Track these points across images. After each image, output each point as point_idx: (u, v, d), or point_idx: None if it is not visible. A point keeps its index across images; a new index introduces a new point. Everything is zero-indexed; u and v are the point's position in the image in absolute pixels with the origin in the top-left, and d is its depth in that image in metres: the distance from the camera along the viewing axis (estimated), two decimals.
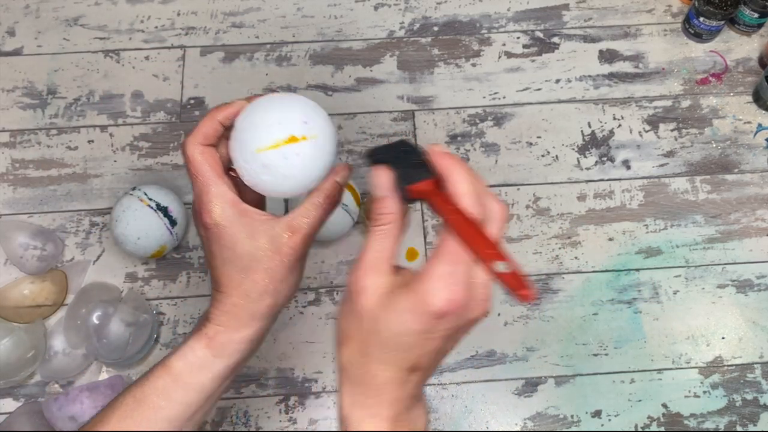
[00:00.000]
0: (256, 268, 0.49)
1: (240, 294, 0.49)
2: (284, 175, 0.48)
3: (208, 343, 0.50)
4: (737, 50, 1.00)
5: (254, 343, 0.52)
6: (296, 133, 0.49)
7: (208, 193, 0.49)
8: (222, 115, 0.50)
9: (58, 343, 0.81)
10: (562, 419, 0.80)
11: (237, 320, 0.50)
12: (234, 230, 0.48)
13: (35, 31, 1.00)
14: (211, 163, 0.50)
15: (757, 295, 0.86)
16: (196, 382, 0.50)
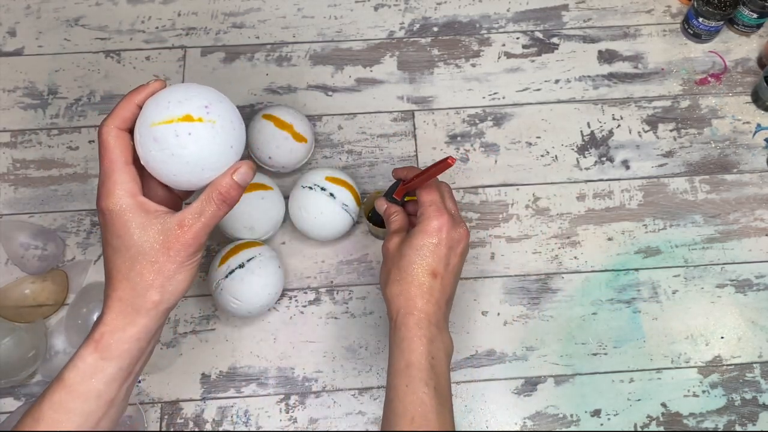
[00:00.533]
0: (143, 260, 0.49)
1: (126, 287, 0.49)
2: (172, 153, 0.48)
3: (96, 346, 0.50)
4: (736, 50, 1.00)
5: (142, 342, 0.51)
6: (193, 114, 0.49)
7: (111, 178, 0.49)
8: (139, 98, 0.52)
9: (59, 343, 0.81)
10: (562, 418, 0.80)
11: (123, 317, 0.50)
12: (126, 219, 0.49)
13: (36, 32, 1.00)
14: (121, 148, 0.50)
15: (756, 294, 0.86)
16: (91, 389, 0.50)
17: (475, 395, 0.81)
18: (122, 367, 0.51)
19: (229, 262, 0.78)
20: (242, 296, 0.77)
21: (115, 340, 0.50)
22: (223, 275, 0.78)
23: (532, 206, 0.90)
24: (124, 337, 0.50)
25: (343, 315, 0.84)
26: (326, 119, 0.95)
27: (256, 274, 0.78)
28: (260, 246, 0.81)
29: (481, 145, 0.94)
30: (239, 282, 0.77)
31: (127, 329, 0.50)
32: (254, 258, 0.79)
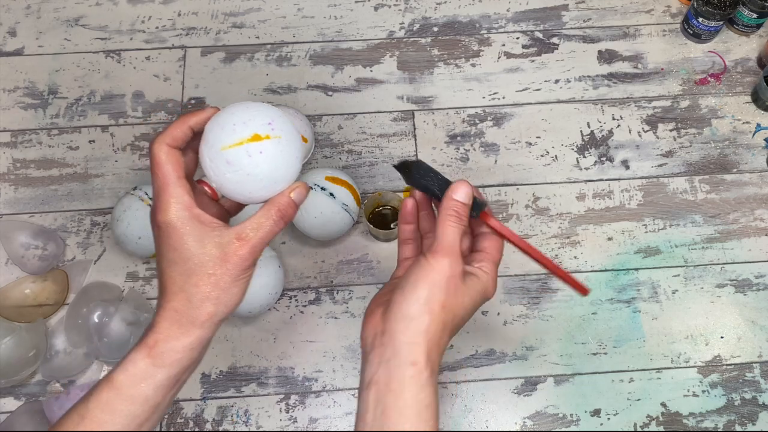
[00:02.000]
0: (200, 273, 0.50)
1: (181, 299, 0.50)
2: (248, 173, 0.50)
3: (149, 352, 0.50)
4: (736, 50, 1.00)
5: (194, 352, 0.52)
6: (260, 132, 0.50)
7: (165, 192, 0.50)
8: (193, 121, 0.52)
9: (59, 343, 0.81)
10: (562, 418, 0.80)
11: (177, 327, 0.50)
12: (183, 232, 0.49)
13: (36, 32, 1.01)
14: (173, 164, 0.51)
15: (756, 294, 0.86)
16: (139, 393, 0.51)
17: (475, 395, 0.81)
18: (171, 375, 0.51)
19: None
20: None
21: (168, 349, 0.51)
22: None
23: (532, 206, 0.90)
24: (177, 347, 0.51)
25: (343, 315, 0.85)
26: (326, 119, 0.95)
27: (256, 274, 0.78)
28: None
29: (481, 145, 0.94)
30: None
31: (181, 339, 0.51)
32: None
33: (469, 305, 0.51)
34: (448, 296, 0.49)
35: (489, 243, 0.53)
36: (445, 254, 0.49)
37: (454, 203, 0.51)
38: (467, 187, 0.52)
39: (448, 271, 0.49)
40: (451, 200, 0.51)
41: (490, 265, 0.52)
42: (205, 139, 0.52)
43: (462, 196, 0.51)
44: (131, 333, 0.80)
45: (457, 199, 0.51)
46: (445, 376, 0.82)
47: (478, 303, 0.51)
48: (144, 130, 0.94)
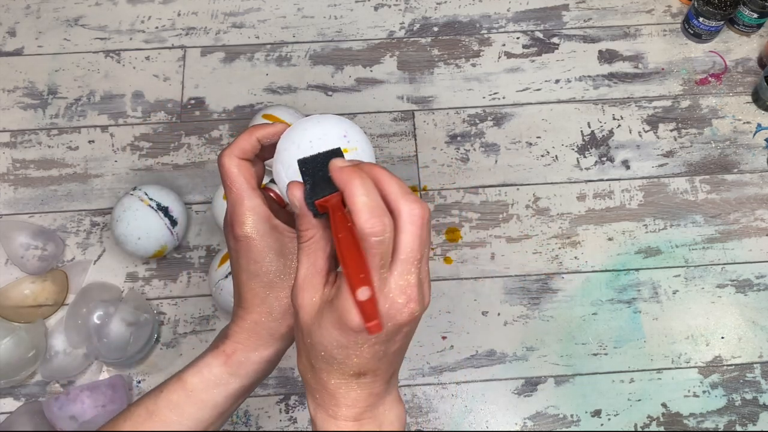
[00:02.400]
0: (282, 285, 0.48)
1: (262, 311, 0.49)
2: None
3: (226, 360, 0.49)
4: (736, 50, 1.00)
5: (271, 364, 0.51)
6: (338, 145, 0.49)
7: (242, 205, 0.48)
8: (261, 133, 0.50)
9: (58, 343, 0.81)
10: (562, 419, 0.80)
11: (256, 339, 0.49)
12: (264, 244, 0.48)
13: (36, 32, 1.00)
14: (246, 176, 0.49)
15: (757, 294, 0.86)
16: (210, 399, 0.50)
17: (475, 395, 0.81)
18: (244, 386, 0.50)
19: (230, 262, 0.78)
20: None
21: (246, 360, 0.50)
22: (223, 275, 0.78)
23: (533, 206, 0.90)
24: (255, 358, 0.50)
25: None
26: None
27: None
28: None
29: (481, 145, 0.94)
30: None
31: (260, 350, 0.49)
32: None
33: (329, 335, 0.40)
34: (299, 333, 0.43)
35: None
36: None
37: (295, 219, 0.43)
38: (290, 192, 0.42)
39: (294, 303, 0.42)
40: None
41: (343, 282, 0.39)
42: (280, 156, 0.49)
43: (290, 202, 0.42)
44: (131, 333, 0.80)
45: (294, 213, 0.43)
46: (446, 376, 0.82)
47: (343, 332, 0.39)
48: (144, 130, 0.94)
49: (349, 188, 0.38)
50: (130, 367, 0.81)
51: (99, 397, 0.76)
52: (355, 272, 0.36)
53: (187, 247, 0.88)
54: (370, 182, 0.39)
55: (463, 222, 0.89)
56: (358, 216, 0.38)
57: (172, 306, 0.85)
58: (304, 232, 0.42)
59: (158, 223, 0.81)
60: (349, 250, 0.37)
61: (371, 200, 0.38)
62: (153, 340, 0.82)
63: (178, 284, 0.86)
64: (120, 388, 0.77)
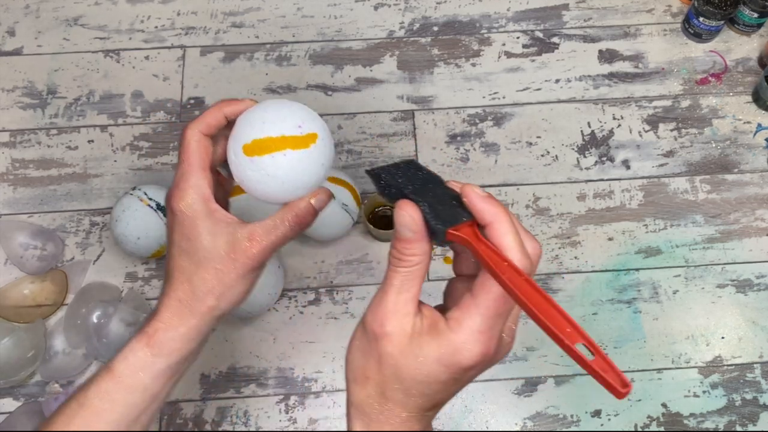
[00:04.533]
0: (208, 266, 0.50)
1: (186, 289, 0.51)
2: (268, 174, 0.48)
3: (148, 341, 0.50)
4: (737, 50, 1.00)
5: (192, 343, 0.52)
6: (287, 134, 0.48)
7: (187, 180, 0.50)
8: (228, 109, 0.51)
9: (58, 343, 0.81)
10: (562, 419, 0.80)
11: (178, 317, 0.51)
12: (197, 222, 0.49)
13: (35, 31, 1.00)
14: (201, 153, 0.50)
15: (757, 294, 0.86)
16: (138, 382, 0.50)
17: (475, 395, 0.81)
18: (170, 365, 0.51)
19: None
20: None
21: (168, 338, 0.51)
22: None
23: (533, 206, 0.90)
24: (176, 336, 0.51)
25: (342, 315, 0.84)
26: (326, 119, 0.95)
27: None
28: None
29: (481, 145, 0.94)
30: None
31: (180, 329, 0.51)
32: None
33: (427, 370, 0.38)
34: (375, 362, 0.40)
35: (478, 282, 0.37)
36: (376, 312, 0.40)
37: (395, 242, 0.39)
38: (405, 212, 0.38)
39: (377, 330, 0.39)
40: (395, 238, 0.40)
41: (468, 317, 0.37)
42: (233, 131, 0.50)
43: (401, 228, 0.39)
44: (130, 333, 0.80)
45: (397, 231, 0.39)
46: None
47: (449, 369, 0.37)
48: (143, 130, 0.94)
49: (499, 223, 0.37)
50: None
51: None
52: (562, 325, 0.32)
53: None
54: (511, 214, 0.38)
55: None
56: (512, 254, 0.36)
57: None
58: (411, 257, 0.39)
59: (158, 223, 0.80)
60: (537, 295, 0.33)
61: (519, 239, 0.37)
62: None
63: None
64: None
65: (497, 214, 0.37)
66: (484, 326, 0.36)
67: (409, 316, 0.38)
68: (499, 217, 0.37)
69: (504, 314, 0.37)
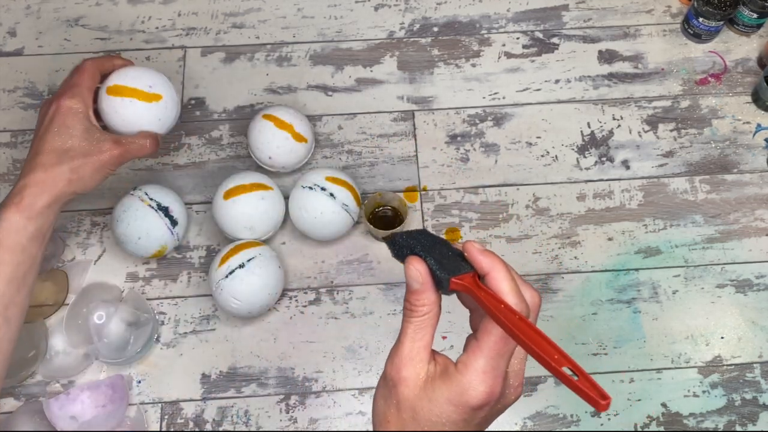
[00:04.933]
0: (76, 153, 0.67)
1: (52, 160, 0.66)
2: (116, 112, 0.73)
3: (17, 208, 0.63)
4: (736, 51, 1.00)
5: (53, 210, 0.66)
6: (138, 88, 0.73)
7: (78, 89, 0.70)
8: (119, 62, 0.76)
9: (58, 343, 0.81)
10: (562, 418, 0.80)
11: (41, 186, 0.65)
12: (80, 119, 0.69)
13: (36, 32, 1.00)
14: (93, 80, 0.72)
15: (757, 294, 0.86)
16: (17, 243, 0.63)
17: None
18: (39, 227, 0.64)
19: (230, 262, 0.78)
20: (242, 296, 0.77)
21: (34, 203, 0.64)
22: (224, 275, 0.78)
23: (532, 206, 0.90)
24: (41, 203, 0.64)
25: (343, 315, 0.84)
26: (326, 119, 0.95)
27: (256, 275, 0.78)
28: (261, 246, 0.81)
29: (481, 145, 0.94)
30: (239, 282, 0.77)
31: (44, 196, 0.65)
32: (254, 258, 0.78)
33: (438, 411, 0.40)
34: (394, 407, 0.42)
35: (481, 327, 0.41)
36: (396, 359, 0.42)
37: (407, 295, 0.43)
38: (412, 265, 0.42)
39: (395, 376, 0.42)
40: (406, 292, 0.43)
41: (474, 359, 0.40)
42: (109, 76, 0.74)
43: (410, 281, 0.42)
44: (131, 333, 0.80)
45: (407, 284, 0.43)
46: None
47: (458, 409, 0.40)
48: None
49: (496, 272, 0.41)
50: (130, 367, 0.82)
51: (99, 397, 0.76)
52: (550, 353, 0.37)
53: (188, 247, 0.88)
54: (507, 264, 0.42)
55: (463, 222, 0.89)
56: (508, 298, 0.40)
57: (172, 306, 0.85)
58: (421, 308, 0.42)
59: (158, 223, 0.81)
60: (530, 330, 0.38)
61: (514, 285, 0.41)
62: (153, 340, 0.82)
63: (178, 284, 0.86)
64: (120, 387, 0.77)
65: (494, 264, 0.41)
66: (487, 366, 0.40)
67: (423, 362, 0.42)
68: (496, 266, 0.41)
69: (506, 354, 0.40)
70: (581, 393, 0.35)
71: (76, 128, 0.68)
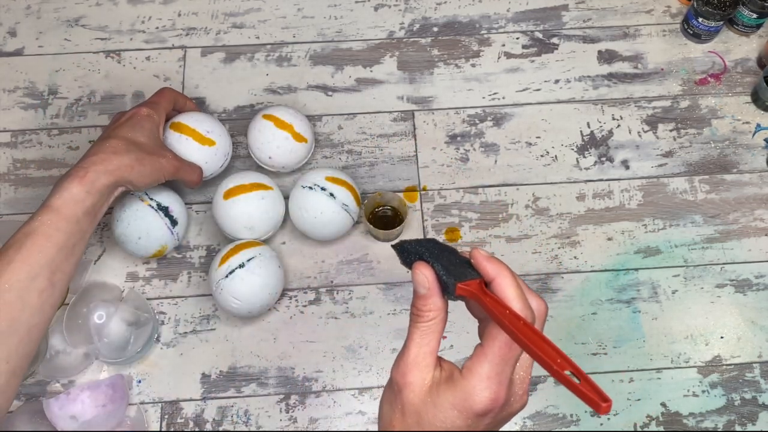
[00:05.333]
0: (142, 150, 0.73)
1: (122, 148, 0.71)
2: (175, 147, 0.83)
3: (81, 181, 0.66)
4: (736, 51, 1.00)
5: (110, 191, 0.69)
6: (197, 130, 0.84)
7: (157, 107, 0.79)
8: (184, 103, 0.88)
9: (59, 343, 0.81)
10: (562, 418, 0.80)
11: (105, 164, 0.68)
12: (154, 126, 0.77)
13: (36, 32, 1.01)
14: (168, 106, 0.83)
15: (756, 294, 0.86)
16: (72, 214, 0.65)
17: None
18: (95, 203, 0.67)
19: (230, 262, 0.78)
20: (242, 296, 0.77)
21: (96, 178, 0.67)
22: (224, 275, 0.78)
23: (532, 206, 0.90)
24: (103, 180, 0.67)
25: (343, 315, 0.85)
26: (326, 119, 0.95)
27: (257, 274, 0.78)
28: (260, 246, 0.81)
29: (481, 145, 0.94)
30: (239, 282, 0.77)
31: (107, 175, 0.68)
32: (254, 258, 0.79)
33: (443, 416, 0.40)
34: (399, 411, 0.42)
35: (486, 333, 0.41)
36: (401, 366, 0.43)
37: (414, 300, 0.43)
38: (419, 271, 0.43)
39: (400, 381, 0.42)
40: (413, 297, 0.43)
41: (478, 364, 0.40)
42: (178, 115, 0.86)
43: (417, 286, 0.43)
44: (131, 333, 0.80)
45: (414, 290, 0.43)
46: None
47: (462, 414, 0.40)
48: None
49: (502, 278, 0.41)
50: (131, 367, 0.82)
51: (99, 397, 0.76)
52: (553, 357, 0.37)
53: (188, 247, 0.88)
54: (513, 272, 0.42)
55: (463, 222, 0.89)
56: (513, 304, 0.40)
57: (172, 306, 0.85)
58: (427, 313, 0.43)
59: (158, 223, 0.81)
60: (530, 335, 0.38)
61: (520, 291, 0.41)
62: (153, 339, 0.82)
63: (178, 284, 0.86)
64: (120, 387, 0.77)
65: (500, 270, 0.41)
66: (492, 372, 0.40)
67: (428, 368, 0.42)
68: (501, 273, 0.41)
69: (510, 360, 0.40)
70: (583, 396, 0.36)
71: (150, 130, 0.75)
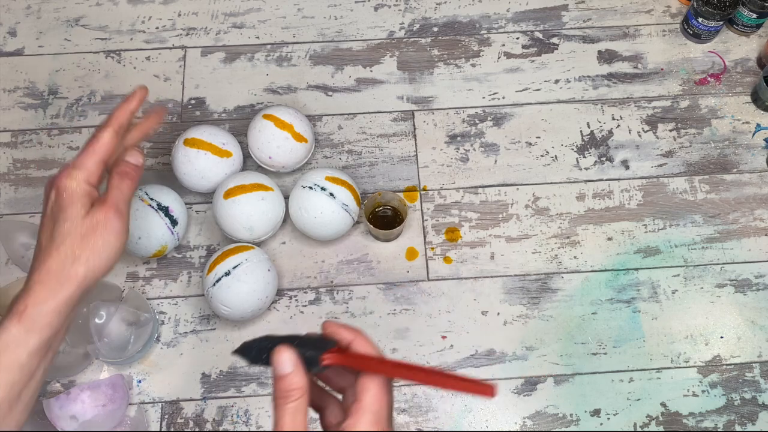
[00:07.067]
0: (75, 233, 0.56)
1: (56, 258, 0.55)
2: (190, 161, 0.83)
3: (19, 318, 0.53)
4: (736, 51, 1.00)
5: (62, 316, 0.55)
6: (213, 143, 0.83)
7: (82, 165, 0.58)
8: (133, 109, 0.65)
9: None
10: (562, 418, 0.80)
11: (47, 290, 0.54)
12: (74, 199, 0.57)
13: (36, 32, 1.01)
14: (108, 149, 0.60)
15: (756, 294, 0.86)
16: (15, 360, 0.53)
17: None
18: (43, 340, 0.54)
19: (216, 270, 0.78)
20: (231, 303, 0.77)
21: (38, 313, 0.54)
22: (211, 283, 0.78)
23: (532, 206, 0.90)
24: (47, 310, 0.54)
25: (343, 315, 0.85)
26: (326, 119, 0.95)
27: (243, 281, 0.77)
28: (248, 251, 0.80)
29: (481, 145, 0.94)
30: (226, 290, 0.77)
31: (50, 302, 0.54)
32: (240, 265, 0.78)
33: None
34: None
35: (358, 388, 0.43)
36: None
37: (277, 383, 0.43)
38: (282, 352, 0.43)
39: None
40: (276, 381, 0.44)
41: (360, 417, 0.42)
42: (188, 131, 0.85)
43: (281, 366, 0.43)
44: (131, 333, 0.80)
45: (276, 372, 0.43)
46: None
47: None
48: None
49: (358, 340, 0.44)
50: (131, 367, 0.82)
51: (99, 397, 0.76)
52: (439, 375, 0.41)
53: (188, 246, 0.88)
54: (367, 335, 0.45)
55: (463, 222, 0.89)
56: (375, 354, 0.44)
57: (172, 305, 0.85)
58: (294, 391, 0.43)
59: (159, 223, 0.81)
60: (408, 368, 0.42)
61: (375, 348, 0.44)
62: (153, 339, 0.82)
63: (178, 284, 0.86)
64: (120, 387, 0.77)
65: (356, 334, 0.44)
66: (373, 419, 0.42)
67: None
68: (358, 336, 0.44)
69: (387, 404, 0.42)
70: (472, 389, 0.40)
71: (75, 213, 0.58)
